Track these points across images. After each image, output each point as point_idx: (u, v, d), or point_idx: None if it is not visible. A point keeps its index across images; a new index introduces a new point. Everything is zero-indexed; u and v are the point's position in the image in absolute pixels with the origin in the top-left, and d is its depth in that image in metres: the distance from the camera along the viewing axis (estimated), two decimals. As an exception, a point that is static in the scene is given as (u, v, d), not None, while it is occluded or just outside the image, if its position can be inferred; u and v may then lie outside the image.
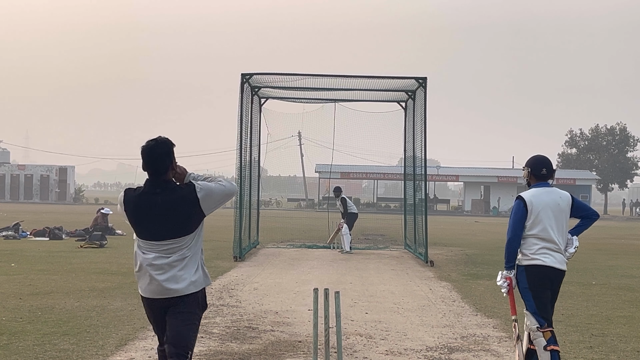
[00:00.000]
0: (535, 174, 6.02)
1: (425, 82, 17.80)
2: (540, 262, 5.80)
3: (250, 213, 19.73)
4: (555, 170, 6.22)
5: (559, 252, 5.86)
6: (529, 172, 6.05)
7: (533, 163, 6.05)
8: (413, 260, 17.47)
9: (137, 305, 9.49)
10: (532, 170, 6.03)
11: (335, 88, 19.38)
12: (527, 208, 5.84)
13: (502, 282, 5.94)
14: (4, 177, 66.22)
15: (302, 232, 25.76)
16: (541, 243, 5.82)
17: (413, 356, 7.05)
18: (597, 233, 34.04)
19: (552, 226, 5.83)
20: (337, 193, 20.00)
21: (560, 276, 5.94)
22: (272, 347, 7.27)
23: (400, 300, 10.72)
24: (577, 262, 17.24)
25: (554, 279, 5.90)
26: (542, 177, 6.00)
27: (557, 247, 5.85)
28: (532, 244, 5.84)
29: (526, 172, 6.08)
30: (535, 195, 5.89)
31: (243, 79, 17.55)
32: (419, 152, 18.89)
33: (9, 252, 16.36)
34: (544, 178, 6.00)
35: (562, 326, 8.68)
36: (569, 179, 67.41)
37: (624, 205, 77.04)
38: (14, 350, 6.78)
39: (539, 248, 5.82)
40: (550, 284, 5.88)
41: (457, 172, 70.86)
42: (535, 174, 6.02)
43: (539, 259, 5.81)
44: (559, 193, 5.96)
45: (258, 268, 14.70)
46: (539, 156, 6.12)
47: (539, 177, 6.01)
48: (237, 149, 17.50)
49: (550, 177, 6.04)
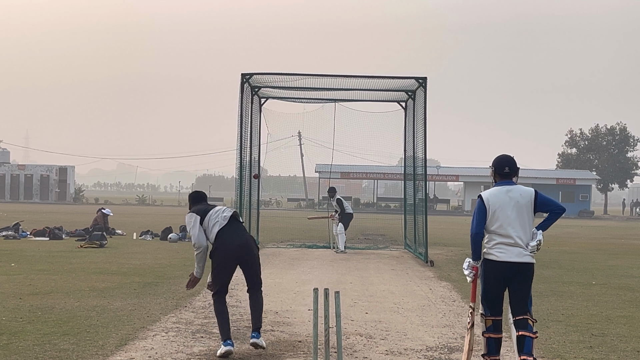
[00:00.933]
0: (499, 173, 6.35)
1: (425, 82, 17.80)
2: (493, 257, 6.20)
3: (250, 213, 19.74)
4: (519, 169, 6.51)
5: (517, 247, 6.15)
6: (493, 171, 6.39)
7: (497, 162, 6.39)
8: (413, 260, 17.47)
9: (137, 305, 9.49)
10: (496, 169, 6.37)
11: (335, 88, 19.39)
12: (486, 205, 6.19)
13: (468, 271, 6.30)
14: (4, 177, 66.24)
15: (302, 232, 25.75)
16: (498, 239, 6.17)
17: (413, 356, 7.05)
18: (597, 233, 34.03)
19: (511, 223, 6.14)
20: (331, 194, 19.78)
21: (520, 268, 6.19)
22: (272, 347, 7.27)
23: (400, 300, 10.72)
24: (577, 262, 17.24)
25: (511, 273, 6.18)
26: (505, 175, 6.33)
27: (515, 242, 6.14)
28: (491, 240, 6.23)
29: (491, 172, 6.42)
30: (494, 194, 6.24)
31: (243, 79, 17.56)
32: (419, 152, 18.89)
33: (9, 252, 16.36)
34: (507, 176, 6.33)
35: (562, 326, 8.69)
36: (569, 179, 67.43)
37: (624, 205, 77.07)
38: (14, 350, 6.78)
39: (495, 243, 6.19)
40: (503, 278, 6.21)
41: (457, 172, 70.87)
42: (499, 172, 6.35)
43: (493, 254, 6.21)
44: (520, 190, 6.25)
45: (258, 268, 14.69)
46: (502, 155, 6.47)
47: (502, 175, 6.34)
48: (237, 149, 17.51)
49: (514, 175, 6.35)
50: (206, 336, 7.69)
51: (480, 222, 6.19)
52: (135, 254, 16.77)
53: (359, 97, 20.56)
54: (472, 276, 6.29)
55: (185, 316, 8.74)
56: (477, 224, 6.20)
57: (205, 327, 8.12)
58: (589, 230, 37.41)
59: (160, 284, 11.64)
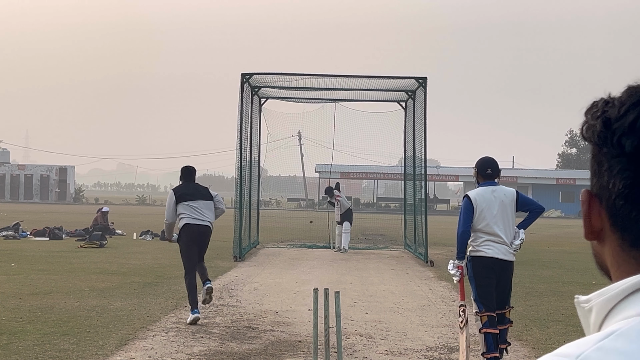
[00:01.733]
0: (482, 174, 6.65)
1: (425, 82, 17.80)
2: (483, 253, 6.46)
3: (250, 213, 19.74)
4: (501, 170, 6.80)
5: (503, 244, 6.44)
6: (476, 172, 6.69)
7: (480, 164, 6.70)
8: (413, 260, 17.47)
9: (137, 305, 9.50)
10: (479, 170, 6.66)
11: (335, 88, 19.39)
12: (473, 205, 6.47)
13: (454, 271, 6.55)
14: (4, 177, 66.24)
15: (302, 232, 25.75)
16: (485, 236, 6.46)
17: (413, 356, 7.05)
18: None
19: (497, 221, 6.44)
20: (330, 193, 19.61)
21: (505, 266, 6.48)
22: (272, 347, 7.27)
23: (400, 300, 10.72)
24: (577, 262, 17.24)
25: (499, 269, 6.45)
26: (488, 176, 6.62)
27: (501, 239, 6.43)
28: (478, 237, 6.50)
29: (475, 173, 6.72)
30: (480, 194, 6.51)
31: (243, 79, 17.56)
32: (419, 152, 18.90)
33: (9, 252, 16.36)
34: (490, 177, 6.63)
35: (562, 326, 8.69)
36: (569, 178, 67.39)
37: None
38: (14, 350, 6.78)
39: (483, 241, 6.47)
40: (494, 273, 6.46)
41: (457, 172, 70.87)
42: (482, 173, 6.64)
43: (482, 250, 6.47)
44: (504, 190, 6.58)
45: (258, 268, 14.71)
46: (486, 157, 6.80)
47: (485, 176, 6.63)
48: (237, 149, 17.51)
49: (496, 176, 6.66)
50: (206, 336, 7.69)
51: (467, 221, 6.46)
52: (135, 254, 16.77)
53: (359, 97, 20.56)
54: (459, 275, 6.53)
55: (185, 316, 8.74)
56: (464, 223, 6.46)
57: (205, 327, 8.12)
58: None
59: (160, 284, 11.64)
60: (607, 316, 0.85)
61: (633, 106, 0.87)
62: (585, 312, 0.89)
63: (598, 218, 0.91)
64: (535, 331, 8.45)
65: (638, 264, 0.86)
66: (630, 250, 0.87)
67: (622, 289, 0.84)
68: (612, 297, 0.85)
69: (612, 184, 0.88)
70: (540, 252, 19.91)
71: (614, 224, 0.89)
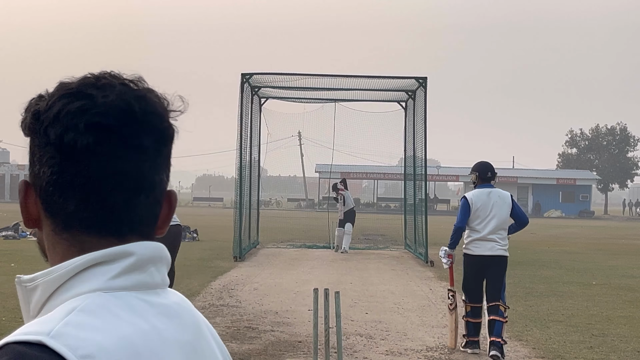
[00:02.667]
0: (482, 177, 7.31)
1: (426, 82, 17.80)
2: (470, 252, 7.22)
3: (250, 213, 19.73)
4: (497, 174, 7.51)
5: (491, 242, 7.08)
6: (476, 175, 7.35)
7: (480, 168, 7.39)
8: (413, 260, 17.47)
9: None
10: (480, 174, 7.33)
11: (335, 88, 19.38)
12: (470, 204, 7.16)
13: (445, 259, 7.37)
14: (3, 177, 66.28)
15: (302, 232, 25.74)
16: (474, 235, 7.16)
17: (413, 356, 7.05)
18: (597, 233, 34.04)
19: (490, 221, 7.08)
20: (335, 189, 19.47)
21: (494, 261, 7.08)
22: (272, 347, 7.27)
23: (400, 300, 10.72)
24: (577, 262, 17.23)
25: (486, 264, 7.10)
26: (487, 179, 7.31)
27: (491, 237, 7.07)
28: (468, 236, 7.23)
29: (474, 176, 7.38)
30: (477, 195, 7.21)
31: (243, 79, 17.55)
32: (419, 152, 18.90)
33: (9, 252, 16.35)
34: (489, 180, 7.31)
35: (562, 326, 8.69)
36: (569, 179, 67.37)
37: (625, 205, 77.02)
38: (14, 350, 6.78)
39: (471, 240, 7.19)
40: (481, 270, 7.14)
41: (457, 172, 70.82)
42: (482, 177, 7.31)
43: (469, 249, 7.24)
44: (499, 193, 7.25)
45: (258, 268, 14.70)
46: (484, 162, 7.51)
47: (484, 179, 7.30)
48: (237, 149, 17.51)
49: (493, 179, 7.34)
50: (206, 336, 7.68)
51: (464, 218, 7.20)
52: (135, 254, 16.75)
53: (359, 97, 20.56)
54: (449, 263, 7.36)
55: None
56: (461, 219, 7.23)
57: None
58: (589, 230, 37.39)
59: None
60: (53, 295, 0.92)
61: (58, 99, 0.94)
62: (28, 291, 0.98)
63: (34, 206, 0.96)
64: (535, 331, 8.44)
65: (69, 245, 0.93)
66: (62, 234, 0.94)
67: (70, 269, 0.91)
68: (60, 276, 0.92)
69: (43, 172, 0.93)
70: (540, 252, 19.91)
71: (46, 209, 0.94)
